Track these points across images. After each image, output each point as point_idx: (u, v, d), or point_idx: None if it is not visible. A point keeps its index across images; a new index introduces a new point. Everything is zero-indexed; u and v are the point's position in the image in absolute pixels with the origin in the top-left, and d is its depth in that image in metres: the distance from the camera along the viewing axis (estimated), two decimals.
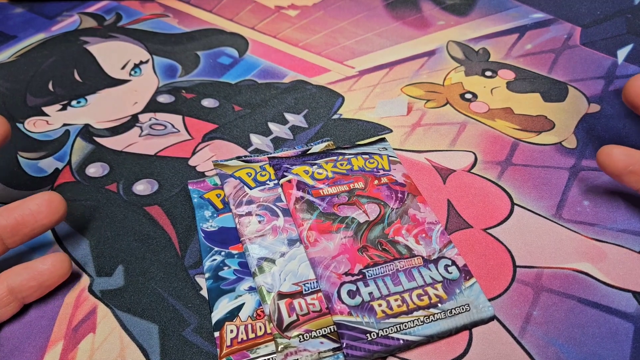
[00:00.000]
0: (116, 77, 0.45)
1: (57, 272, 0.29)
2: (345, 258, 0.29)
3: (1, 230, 0.28)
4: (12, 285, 0.28)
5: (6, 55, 0.48)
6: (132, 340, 0.28)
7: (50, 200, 0.29)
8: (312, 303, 0.28)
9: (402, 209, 0.32)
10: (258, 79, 0.45)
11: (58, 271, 0.29)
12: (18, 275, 0.28)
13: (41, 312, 0.30)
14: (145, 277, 0.31)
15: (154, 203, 0.35)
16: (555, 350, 0.27)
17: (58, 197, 0.29)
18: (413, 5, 0.53)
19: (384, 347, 0.26)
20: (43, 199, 0.29)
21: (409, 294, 0.28)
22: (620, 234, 0.33)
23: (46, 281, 0.29)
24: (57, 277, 0.29)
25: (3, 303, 0.28)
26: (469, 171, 0.37)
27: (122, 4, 0.54)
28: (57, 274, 0.29)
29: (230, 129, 0.40)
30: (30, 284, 0.28)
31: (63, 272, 0.29)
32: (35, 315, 0.29)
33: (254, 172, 0.34)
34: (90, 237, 0.33)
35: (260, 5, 0.54)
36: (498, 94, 0.43)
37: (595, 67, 0.45)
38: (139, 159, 0.38)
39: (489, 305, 0.28)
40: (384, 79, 0.45)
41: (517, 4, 0.53)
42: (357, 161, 0.35)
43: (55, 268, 0.29)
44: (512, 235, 0.33)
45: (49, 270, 0.29)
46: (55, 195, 0.29)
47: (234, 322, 0.28)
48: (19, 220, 0.28)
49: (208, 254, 0.31)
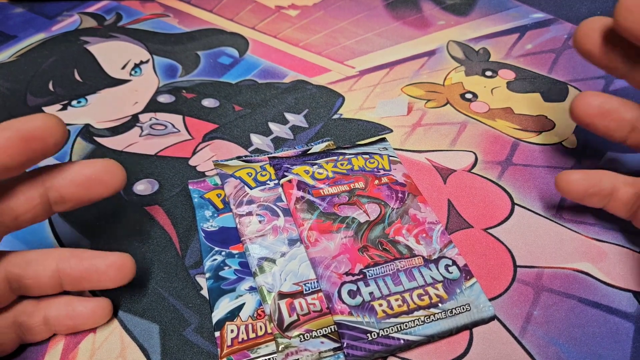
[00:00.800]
0: (116, 77, 0.45)
1: (96, 319, 0.28)
2: (345, 258, 0.29)
3: (64, 277, 0.26)
4: (48, 316, 0.27)
5: (6, 55, 0.48)
6: (133, 340, 0.28)
7: (122, 264, 0.27)
8: (313, 303, 0.28)
9: (402, 209, 0.32)
10: (258, 79, 0.45)
11: (97, 317, 0.28)
12: (57, 308, 0.27)
13: None
14: (146, 277, 0.31)
15: (155, 203, 0.35)
16: (555, 350, 0.27)
17: (131, 261, 0.27)
18: (413, 5, 0.53)
19: (385, 347, 0.26)
20: (115, 261, 0.27)
21: (409, 294, 0.28)
22: (620, 234, 0.33)
23: (82, 324, 0.28)
24: (94, 322, 0.28)
25: (35, 331, 0.27)
26: (469, 171, 0.37)
27: (123, 4, 0.54)
28: (95, 320, 0.28)
29: (231, 128, 0.40)
30: (67, 322, 0.27)
31: (102, 319, 0.28)
32: None
33: (254, 172, 0.34)
34: (90, 237, 0.33)
35: (260, 5, 0.54)
36: (498, 93, 0.43)
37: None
38: (139, 158, 0.38)
39: (489, 305, 0.28)
40: (384, 78, 0.45)
41: (517, 4, 0.53)
42: (358, 161, 0.35)
43: (95, 314, 0.28)
44: (512, 235, 0.33)
45: (87, 314, 0.27)
46: (128, 260, 0.27)
47: (234, 322, 0.28)
48: (84, 275, 0.26)
49: (208, 253, 0.31)
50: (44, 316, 0.27)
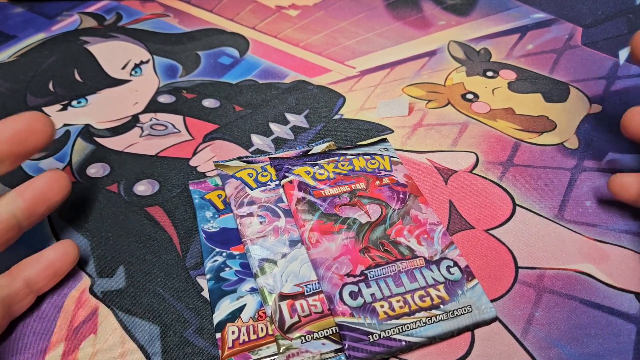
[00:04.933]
0: (117, 77, 0.45)
1: (69, 258, 0.30)
2: (347, 259, 0.29)
3: (18, 213, 0.28)
4: (28, 277, 0.28)
5: (6, 55, 0.48)
6: (134, 342, 0.28)
7: (57, 177, 0.29)
8: (314, 304, 0.28)
9: (403, 210, 0.32)
10: (259, 79, 0.45)
11: (69, 256, 0.30)
12: (32, 266, 0.29)
13: (42, 313, 0.29)
14: (147, 278, 0.31)
15: (155, 204, 0.35)
16: (557, 351, 0.27)
17: (62, 173, 0.30)
18: (414, 5, 0.53)
19: (386, 349, 0.26)
20: (49, 176, 0.29)
21: (410, 295, 0.28)
22: (622, 235, 0.33)
23: (60, 269, 0.29)
24: (68, 263, 0.30)
25: (20, 297, 0.28)
26: (470, 172, 0.37)
27: (123, 4, 0.54)
28: (68, 260, 0.30)
29: (231, 129, 0.40)
30: (46, 273, 0.29)
31: (73, 257, 0.30)
32: (36, 317, 0.29)
33: (255, 172, 0.34)
34: (91, 238, 0.33)
35: (260, 5, 0.54)
36: (499, 94, 0.43)
37: (596, 68, 0.45)
38: (139, 159, 0.38)
39: (491, 307, 0.28)
40: (385, 79, 0.44)
41: (518, 4, 0.52)
42: (359, 162, 0.35)
43: (67, 253, 0.30)
44: (514, 236, 0.33)
45: (61, 256, 0.29)
46: (59, 172, 0.29)
47: (235, 323, 0.28)
48: (32, 201, 0.28)
49: (209, 254, 0.31)
50: (24, 279, 0.28)
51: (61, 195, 0.29)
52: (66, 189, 0.30)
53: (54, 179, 0.29)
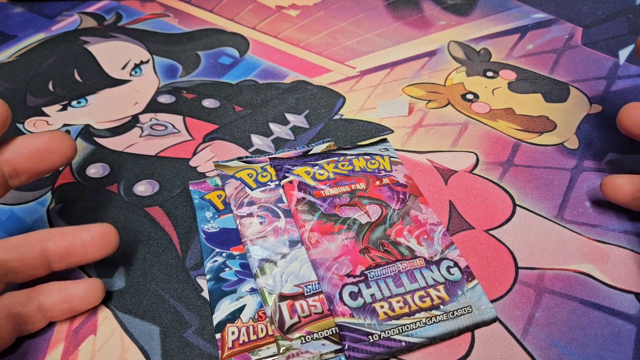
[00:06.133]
0: (116, 77, 0.45)
1: (90, 299, 0.28)
2: (347, 259, 0.29)
3: (50, 255, 0.27)
4: (43, 303, 0.27)
5: (6, 55, 0.48)
6: (133, 342, 0.28)
7: (104, 234, 0.28)
8: (314, 305, 0.28)
9: (403, 210, 0.32)
10: (259, 79, 0.45)
11: (91, 298, 0.28)
12: (51, 294, 0.28)
13: None
14: (146, 279, 0.31)
15: (155, 204, 0.35)
16: (557, 351, 0.27)
17: (113, 231, 0.28)
18: (414, 5, 0.53)
19: (386, 349, 0.26)
20: (98, 232, 0.28)
21: (411, 296, 0.28)
22: (622, 235, 0.32)
23: (77, 306, 0.28)
24: (88, 303, 0.28)
25: (32, 319, 0.27)
26: (470, 172, 0.37)
27: (123, 4, 0.54)
28: (89, 301, 0.28)
29: (231, 129, 0.40)
30: (62, 306, 0.28)
31: (96, 299, 0.29)
32: None
33: (255, 173, 0.34)
34: None
35: (261, 5, 0.54)
36: (499, 94, 0.43)
37: (596, 68, 0.45)
38: (139, 159, 0.38)
39: (491, 307, 0.28)
40: (385, 79, 0.44)
41: (518, 4, 0.52)
42: (359, 162, 0.35)
43: (89, 295, 0.28)
44: (514, 236, 0.33)
45: (81, 296, 0.28)
46: (110, 230, 0.28)
47: (235, 323, 0.28)
48: (69, 250, 0.27)
49: (209, 255, 0.31)
50: (38, 304, 0.27)
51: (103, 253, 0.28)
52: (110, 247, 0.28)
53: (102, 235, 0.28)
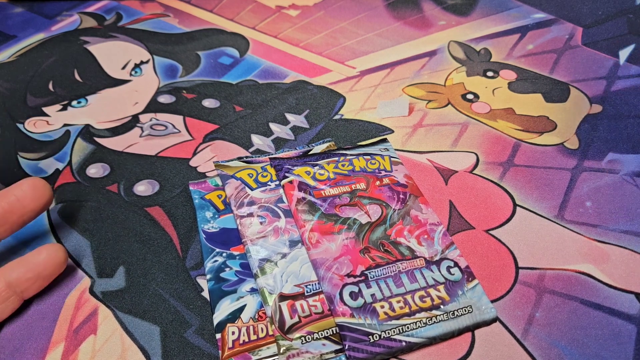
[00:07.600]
0: (117, 77, 0.45)
1: (53, 262, 0.29)
2: (347, 259, 0.29)
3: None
4: (9, 279, 0.28)
5: (6, 55, 0.48)
6: (134, 342, 0.28)
7: (34, 184, 0.29)
8: (314, 305, 0.28)
9: (404, 210, 0.32)
10: (259, 79, 0.45)
11: (54, 261, 0.29)
12: (14, 269, 0.28)
13: (42, 314, 0.29)
14: (147, 279, 0.31)
15: (155, 204, 0.35)
16: (557, 351, 0.27)
17: (42, 181, 0.29)
18: (414, 5, 0.53)
19: (386, 349, 0.26)
20: (27, 184, 0.29)
21: (411, 296, 0.28)
22: (622, 235, 0.32)
23: (43, 272, 0.29)
24: (53, 267, 0.29)
25: (2, 298, 0.28)
26: (470, 172, 0.37)
27: (123, 4, 0.54)
28: (53, 264, 0.29)
29: (231, 129, 0.40)
30: (27, 276, 0.28)
31: (59, 261, 0.29)
32: (36, 317, 0.29)
33: (255, 173, 0.34)
34: (91, 238, 0.33)
35: (261, 5, 0.54)
36: (500, 94, 0.43)
37: (597, 68, 0.45)
38: (139, 159, 0.38)
39: (491, 307, 0.28)
40: (385, 79, 0.44)
41: (518, 4, 0.52)
42: (359, 162, 0.35)
43: (51, 258, 0.29)
44: (514, 236, 0.33)
45: (44, 261, 0.29)
46: (38, 180, 0.29)
47: (235, 323, 0.28)
48: (6, 209, 0.28)
49: (209, 255, 0.31)
50: (5, 281, 0.28)
51: (39, 202, 0.29)
52: (44, 197, 0.29)
53: (32, 186, 0.29)
